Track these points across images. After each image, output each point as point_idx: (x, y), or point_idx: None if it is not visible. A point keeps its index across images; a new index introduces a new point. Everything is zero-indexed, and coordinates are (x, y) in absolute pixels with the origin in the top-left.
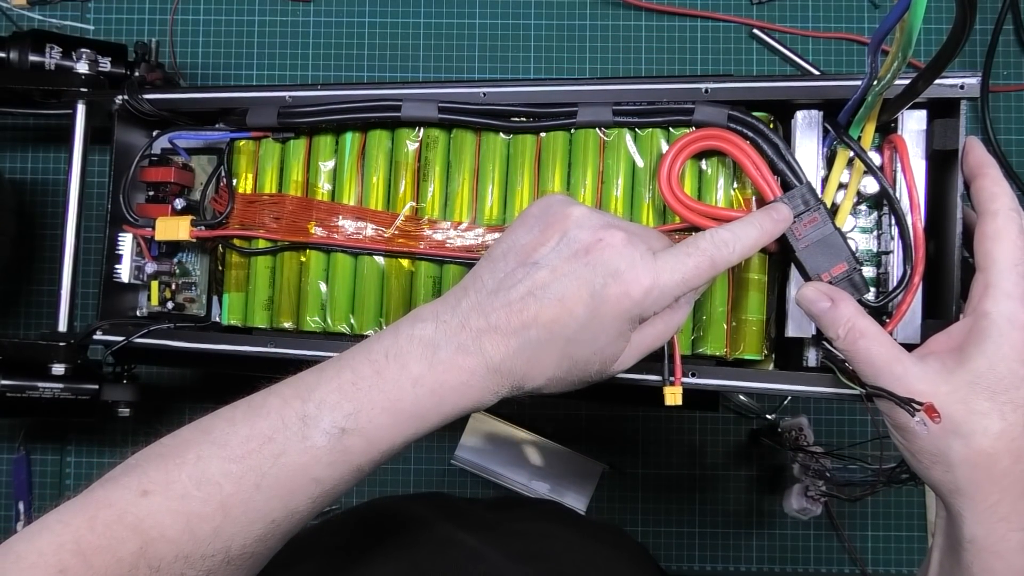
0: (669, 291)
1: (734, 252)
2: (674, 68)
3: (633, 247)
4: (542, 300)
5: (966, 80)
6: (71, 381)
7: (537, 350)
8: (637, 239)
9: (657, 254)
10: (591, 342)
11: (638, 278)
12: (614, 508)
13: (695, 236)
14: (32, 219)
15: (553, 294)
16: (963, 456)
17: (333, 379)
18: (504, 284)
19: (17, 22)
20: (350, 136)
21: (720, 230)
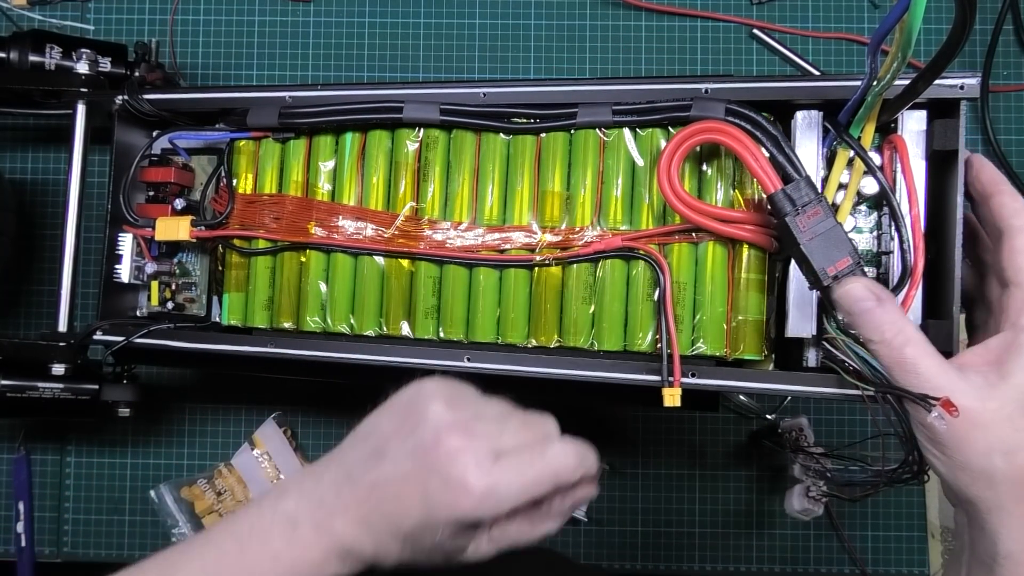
0: (506, 500)
1: (576, 473)
2: (674, 68)
3: (470, 453)
4: (383, 494)
5: (966, 80)
6: (71, 381)
7: (382, 538)
8: (481, 442)
9: (500, 459)
10: (431, 537)
11: (467, 487)
12: (614, 508)
13: (546, 441)
14: (32, 219)
15: (392, 491)
16: (1006, 473)
17: (196, 559)
18: (356, 469)
19: (17, 22)
20: (350, 136)
21: (573, 445)
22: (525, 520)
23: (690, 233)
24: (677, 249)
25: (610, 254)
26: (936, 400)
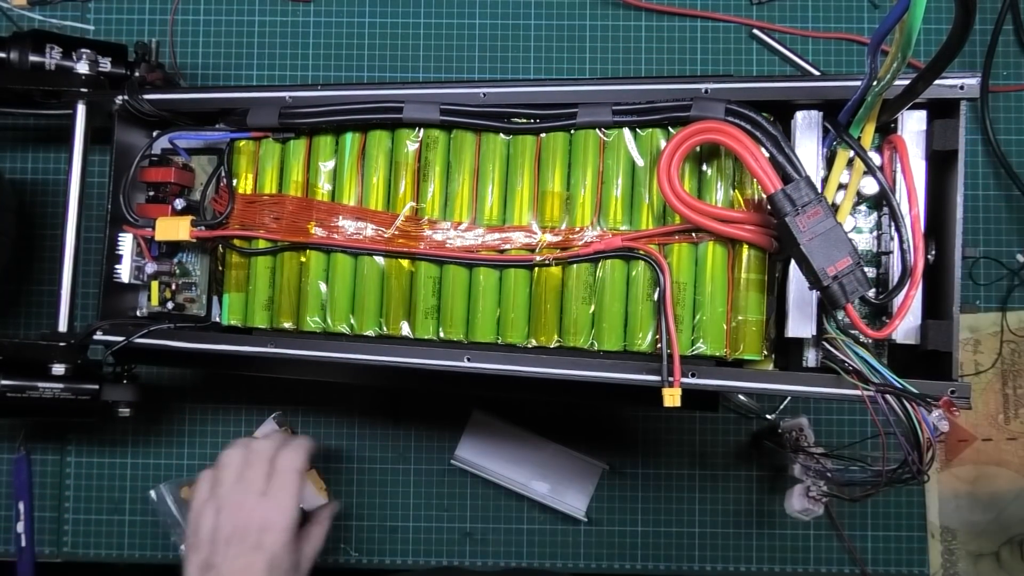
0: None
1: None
2: (674, 68)
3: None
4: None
5: (966, 80)
6: (71, 381)
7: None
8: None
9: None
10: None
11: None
12: (614, 508)
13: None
14: (32, 219)
15: None
16: None
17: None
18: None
19: (17, 22)
20: (350, 136)
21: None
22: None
23: (690, 233)
24: (677, 249)
25: (610, 254)
26: (936, 400)
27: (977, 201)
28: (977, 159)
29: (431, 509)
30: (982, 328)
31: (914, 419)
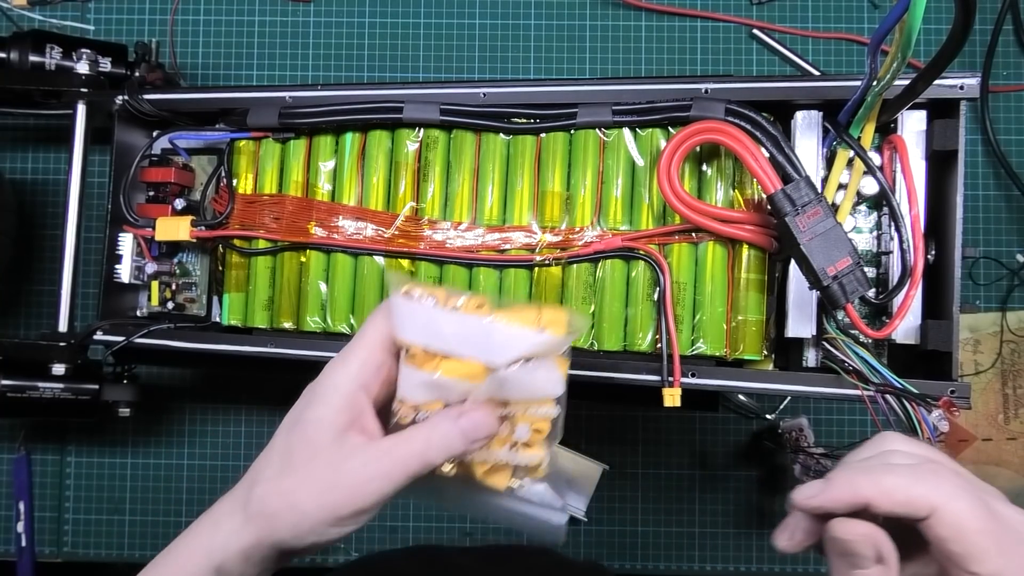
0: None
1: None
2: (674, 68)
3: None
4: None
5: (966, 80)
6: (71, 381)
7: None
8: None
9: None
10: None
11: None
12: (614, 508)
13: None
14: (32, 219)
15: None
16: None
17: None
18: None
19: (17, 22)
20: (350, 136)
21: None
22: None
23: (690, 233)
24: (677, 249)
25: (610, 254)
26: (936, 400)
27: (977, 201)
28: (977, 159)
29: (431, 509)
30: (982, 328)
31: (914, 419)
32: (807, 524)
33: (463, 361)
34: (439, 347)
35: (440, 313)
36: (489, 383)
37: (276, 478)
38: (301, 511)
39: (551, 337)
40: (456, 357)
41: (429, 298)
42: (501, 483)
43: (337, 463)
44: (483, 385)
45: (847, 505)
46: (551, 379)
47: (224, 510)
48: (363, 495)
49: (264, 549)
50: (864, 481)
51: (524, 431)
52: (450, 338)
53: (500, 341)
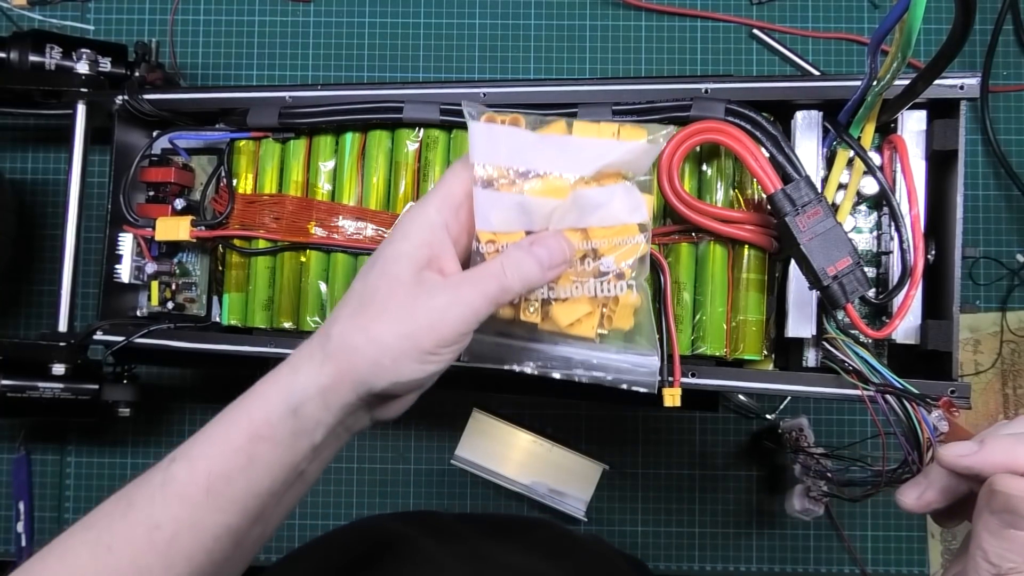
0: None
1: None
2: (674, 68)
3: None
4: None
5: (966, 80)
6: (71, 381)
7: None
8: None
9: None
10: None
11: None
12: (614, 508)
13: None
14: (32, 219)
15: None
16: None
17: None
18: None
19: (17, 22)
20: (350, 136)
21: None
22: None
23: (690, 233)
24: (677, 249)
25: None
26: (936, 400)
27: (977, 201)
28: (977, 159)
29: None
30: (982, 328)
31: (914, 419)
32: (943, 484)
33: (545, 179)
34: (521, 165)
35: (521, 133)
36: (571, 201)
37: (354, 316)
38: (380, 343)
39: (631, 143)
40: (538, 174)
41: (509, 123)
42: (589, 331)
43: (415, 295)
44: (566, 202)
45: (1001, 468)
46: (632, 204)
47: (302, 355)
48: (443, 324)
49: (343, 391)
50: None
51: (610, 263)
52: (532, 156)
53: (581, 153)
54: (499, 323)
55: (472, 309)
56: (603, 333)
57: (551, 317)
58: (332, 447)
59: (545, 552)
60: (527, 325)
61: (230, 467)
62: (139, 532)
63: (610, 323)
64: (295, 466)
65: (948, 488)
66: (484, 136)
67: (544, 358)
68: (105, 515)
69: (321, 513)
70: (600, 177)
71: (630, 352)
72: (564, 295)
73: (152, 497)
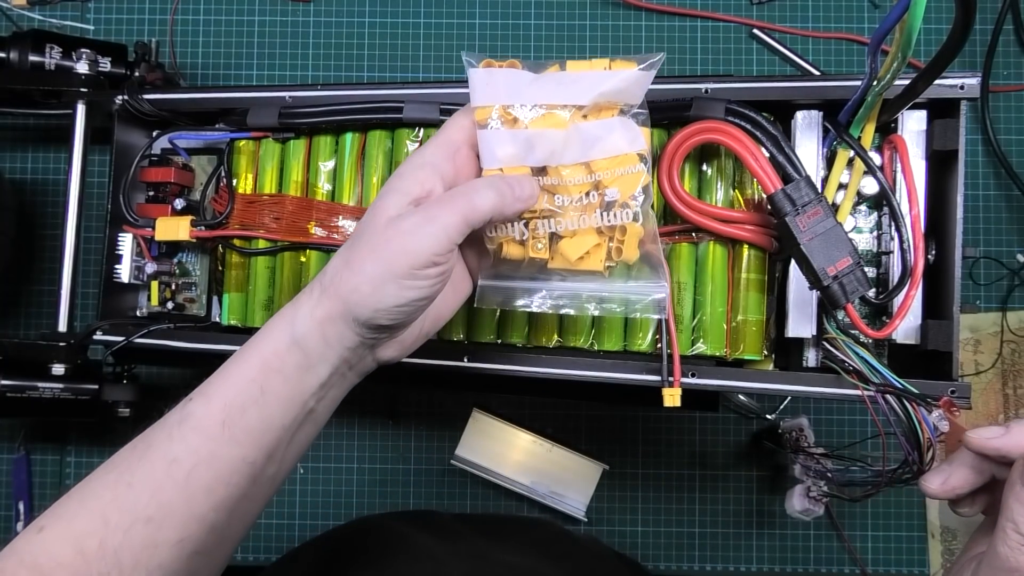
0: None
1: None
2: (674, 68)
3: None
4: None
5: (966, 80)
6: (71, 381)
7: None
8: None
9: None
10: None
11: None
12: (614, 508)
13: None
14: (32, 219)
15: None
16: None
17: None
18: None
19: (17, 22)
20: (350, 136)
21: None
22: None
23: (690, 233)
24: (677, 249)
25: None
26: (936, 400)
27: (977, 201)
28: (977, 159)
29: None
30: (982, 328)
31: (914, 419)
32: (967, 470)
33: (546, 114)
34: (520, 101)
35: (519, 73)
36: (572, 134)
37: (345, 250)
38: (361, 271)
39: (624, 71)
40: (538, 107)
41: (507, 66)
42: (597, 264)
43: (394, 223)
44: (568, 134)
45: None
46: (631, 135)
47: (304, 292)
48: (415, 244)
49: (337, 322)
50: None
51: (614, 193)
52: (530, 92)
53: (577, 85)
54: (508, 265)
55: (442, 226)
56: (611, 266)
57: (560, 253)
58: (340, 387)
59: (542, 551)
60: (536, 263)
61: (244, 399)
62: (159, 467)
63: (618, 255)
64: (304, 402)
65: (972, 473)
66: (483, 80)
67: (554, 295)
68: (124, 457)
69: (321, 513)
70: (598, 110)
71: (638, 282)
72: (572, 227)
73: (170, 435)
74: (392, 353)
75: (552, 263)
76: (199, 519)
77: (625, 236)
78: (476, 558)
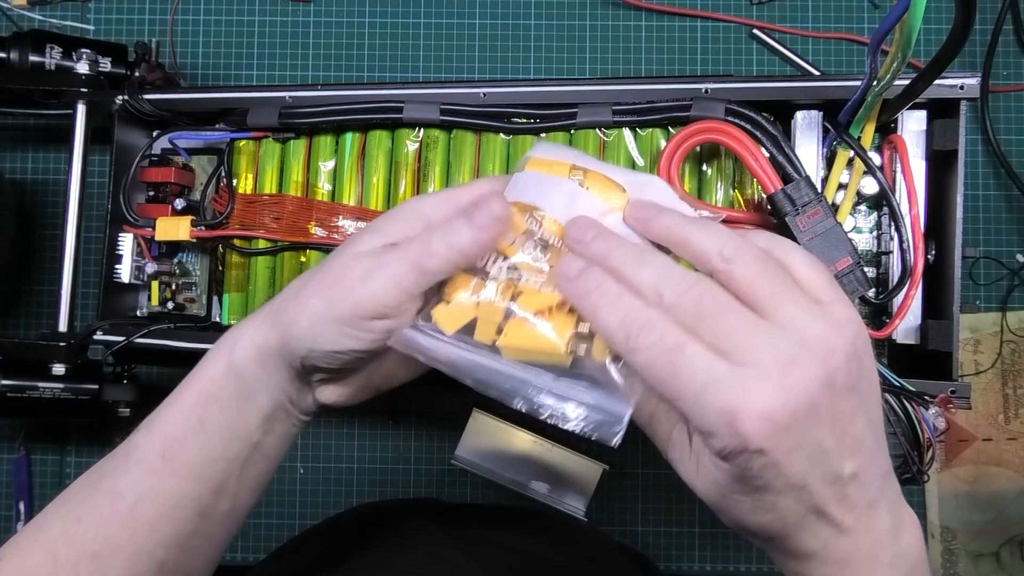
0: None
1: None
2: (674, 68)
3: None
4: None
5: (966, 80)
6: (71, 381)
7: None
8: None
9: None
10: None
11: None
12: (614, 508)
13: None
14: (32, 219)
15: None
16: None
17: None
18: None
19: (17, 22)
20: (350, 136)
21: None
22: None
23: None
24: None
25: None
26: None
27: (977, 201)
28: (977, 159)
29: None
30: (982, 328)
31: (914, 419)
32: None
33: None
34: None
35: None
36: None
37: (302, 279)
38: (305, 303)
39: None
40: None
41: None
42: (559, 348)
43: (351, 264)
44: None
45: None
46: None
47: (255, 312)
48: (362, 290)
49: (275, 350)
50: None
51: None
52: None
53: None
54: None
55: (392, 275)
56: (575, 351)
57: (516, 328)
58: (287, 423)
59: (544, 538)
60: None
61: (183, 430)
62: (105, 502)
63: (584, 342)
64: (247, 434)
65: None
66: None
67: (499, 380)
68: (78, 489)
69: (321, 513)
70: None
71: (597, 393)
72: (540, 290)
73: (116, 468)
74: (331, 398)
75: (500, 342)
76: (147, 556)
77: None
78: (475, 541)
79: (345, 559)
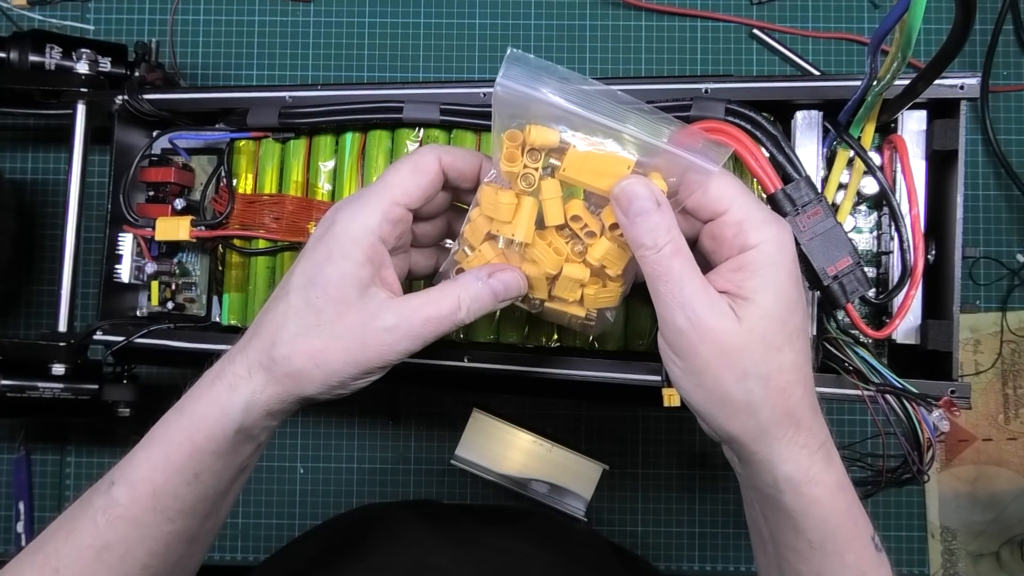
0: None
1: None
2: (674, 68)
3: None
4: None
5: (966, 80)
6: (71, 381)
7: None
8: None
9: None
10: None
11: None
12: (614, 508)
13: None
14: (32, 219)
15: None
16: (765, 398)
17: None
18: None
19: (17, 22)
20: (350, 136)
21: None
22: None
23: None
24: None
25: None
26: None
27: (977, 201)
28: (977, 159)
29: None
30: (982, 328)
31: (914, 419)
32: None
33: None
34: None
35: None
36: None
37: (300, 338)
38: (330, 369)
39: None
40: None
41: None
42: (579, 309)
43: (365, 321)
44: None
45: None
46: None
47: (239, 372)
48: (392, 353)
49: (288, 404)
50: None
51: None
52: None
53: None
54: None
55: (421, 340)
56: (587, 315)
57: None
58: (270, 432)
59: (536, 537)
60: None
61: (176, 484)
62: (87, 554)
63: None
64: (241, 466)
65: None
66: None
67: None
68: (50, 539)
69: (321, 513)
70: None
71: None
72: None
73: (95, 520)
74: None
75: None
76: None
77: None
78: (468, 543)
79: (334, 564)
